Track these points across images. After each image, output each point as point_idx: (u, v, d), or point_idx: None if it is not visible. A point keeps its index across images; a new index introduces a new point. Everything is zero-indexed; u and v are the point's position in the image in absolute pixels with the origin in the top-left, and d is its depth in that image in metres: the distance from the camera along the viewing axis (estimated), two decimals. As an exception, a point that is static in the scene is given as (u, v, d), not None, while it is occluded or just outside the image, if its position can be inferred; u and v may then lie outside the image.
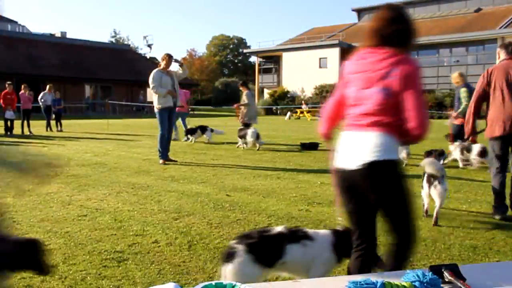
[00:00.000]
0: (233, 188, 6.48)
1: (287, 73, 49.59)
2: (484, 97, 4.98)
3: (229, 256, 2.57)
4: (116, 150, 11.10)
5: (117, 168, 8.19)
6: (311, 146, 11.43)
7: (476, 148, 8.29)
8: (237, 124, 12.95)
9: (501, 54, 5.02)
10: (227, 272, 2.55)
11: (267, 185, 6.71)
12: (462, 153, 8.59)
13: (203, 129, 13.29)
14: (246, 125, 11.72)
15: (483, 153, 8.11)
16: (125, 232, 4.30)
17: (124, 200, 5.66)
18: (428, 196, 4.93)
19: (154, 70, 8.65)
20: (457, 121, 8.56)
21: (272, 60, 52.96)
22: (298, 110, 36.72)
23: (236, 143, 12.06)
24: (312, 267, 2.67)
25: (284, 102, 45.18)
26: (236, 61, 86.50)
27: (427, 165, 4.86)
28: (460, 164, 8.63)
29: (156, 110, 8.62)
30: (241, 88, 12.23)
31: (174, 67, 8.96)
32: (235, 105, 12.56)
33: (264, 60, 54.47)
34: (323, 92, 42.41)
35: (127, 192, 6.10)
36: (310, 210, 5.22)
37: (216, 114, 37.49)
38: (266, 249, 2.59)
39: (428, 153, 7.32)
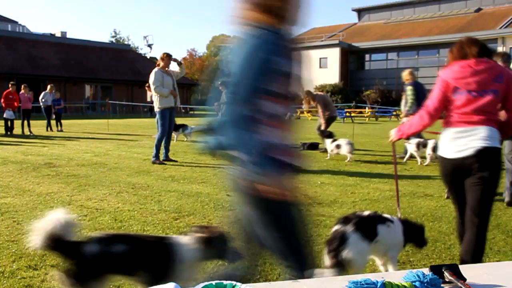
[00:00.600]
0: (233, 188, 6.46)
1: (287, 73, 49.47)
2: None
3: (341, 239, 2.80)
4: (116, 150, 11.12)
5: (117, 168, 8.20)
6: (311, 146, 11.43)
7: (430, 143, 8.72)
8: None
9: (498, 62, 5.09)
10: (346, 255, 2.75)
11: None
12: (418, 148, 8.98)
13: (182, 127, 13.55)
14: None
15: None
16: (125, 232, 4.29)
17: (124, 200, 5.66)
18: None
19: (155, 70, 8.58)
20: (406, 118, 8.76)
21: (272, 60, 52.86)
22: (298, 110, 36.71)
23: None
24: (391, 249, 3.03)
25: (284, 102, 45.11)
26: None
27: None
28: (418, 160, 9.07)
29: (157, 110, 8.61)
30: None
31: (172, 66, 8.94)
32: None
33: (264, 60, 54.35)
34: (324, 92, 42.43)
35: (127, 192, 6.11)
36: (310, 210, 5.20)
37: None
38: (366, 228, 2.87)
39: None
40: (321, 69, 45.44)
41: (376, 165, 8.99)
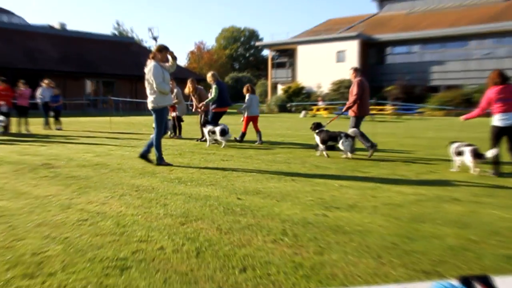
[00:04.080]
0: (244, 191, 6.46)
1: (302, 68, 49.52)
2: None
3: None
4: (119, 150, 11.18)
5: (120, 169, 8.23)
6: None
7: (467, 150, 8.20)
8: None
9: None
10: None
11: (281, 188, 6.68)
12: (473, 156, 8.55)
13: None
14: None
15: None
16: (128, 238, 4.29)
17: (127, 203, 5.66)
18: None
19: (153, 64, 8.40)
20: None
21: (286, 54, 52.98)
22: (314, 107, 36.65)
23: (252, 141, 12.03)
24: None
25: (299, 98, 45.09)
26: (247, 54, 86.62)
27: None
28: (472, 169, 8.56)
29: (154, 107, 8.53)
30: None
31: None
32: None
33: (277, 53, 54.43)
34: (341, 87, 42.21)
35: (130, 195, 6.11)
36: (327, 215, 5.18)
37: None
38: None
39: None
40: (338, 64, 45.34)
41: (399, 166, 8.91)
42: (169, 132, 14.71)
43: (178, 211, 5.27)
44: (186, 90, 14.05)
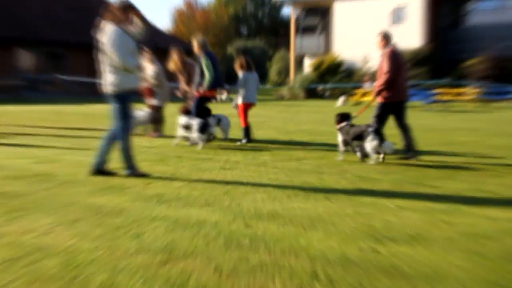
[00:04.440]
0: (255, 214, 6.42)
1: (341, 34, 49.40)
2: None
3: None
4: (70, 154, 11.23)
5: (72, 182, 8.20)
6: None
7: None
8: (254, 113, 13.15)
9: None
10: None
11: (310, 210, 6.63)
12: None
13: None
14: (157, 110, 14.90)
15: None
16: (83, 285, 4.23)
17: (82, 233, 5.60)
18: None
19: (114, 28, 8.26)
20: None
21: (317, 13, 52.83)
22: (358, 92, 36.41)
23: (259, 141, 11.98)
24: None
25: (335, 78, 44.95)
26: (260, 14, 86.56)
27: None
28: None
29: (116, 92, 8.44)
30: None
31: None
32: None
33: (304, 13, 54.30)
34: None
35: (87, 221, 6.05)
36: (379, 250, 5.13)
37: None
38: None
39: None
40: (396, 26, 45.06)
41: (485, 178, 8.87)
42: (140, 128, 14.74)
43: (157, 244, 5.22)
44: (171, 66, 14.08)
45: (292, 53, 54.09)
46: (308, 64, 50.75)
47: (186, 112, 12.81)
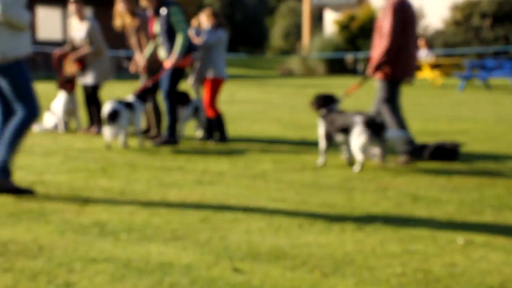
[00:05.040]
0: (249, 252, 5.14)
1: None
2: None
3: None
4: None
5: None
6: (441, 153, 9.22)
7: None
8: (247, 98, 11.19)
9: None
10: None
11: (333, 246, 5.30)
12: None
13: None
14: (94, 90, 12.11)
15: None
16: None
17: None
18: None
19: None
20: None
21: None
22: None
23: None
24: None
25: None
26: None
27: None
28: None
29: (2, 60, 6.88)
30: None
31: None
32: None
33: None
34: (473, 17, 34.71)
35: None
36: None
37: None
38: None
39: None
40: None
41: None
42: (67, 121, 12.49)
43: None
44: (117, 23, 11.57)
45: (307, 4, 47.00)
46: (331, 21, 44.42)
47: (142, 95, 10.74)
